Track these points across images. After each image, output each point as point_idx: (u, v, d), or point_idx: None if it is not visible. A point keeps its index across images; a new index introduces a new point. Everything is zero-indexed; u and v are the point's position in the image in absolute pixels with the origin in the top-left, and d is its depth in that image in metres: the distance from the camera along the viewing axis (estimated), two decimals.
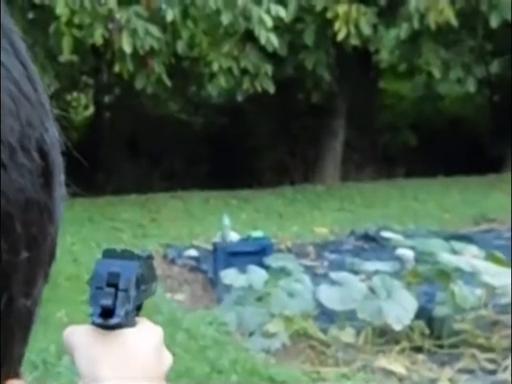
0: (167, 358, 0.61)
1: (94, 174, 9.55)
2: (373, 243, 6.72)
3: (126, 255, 0.59)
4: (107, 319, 0.57)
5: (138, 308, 0.61)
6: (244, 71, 7.92)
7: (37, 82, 0.32)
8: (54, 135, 0.32)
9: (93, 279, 0.58)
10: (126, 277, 0.58)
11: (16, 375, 0.32)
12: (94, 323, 0.57)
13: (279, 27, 7.59)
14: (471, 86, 8.94)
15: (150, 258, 0.64)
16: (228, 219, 5.60)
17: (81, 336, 0.58)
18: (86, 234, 6.67)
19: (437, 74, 8.63)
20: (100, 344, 0.57)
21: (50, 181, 0.31)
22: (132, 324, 0.59)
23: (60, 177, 0.33)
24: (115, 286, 0.57)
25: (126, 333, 0.58)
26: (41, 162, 0.30)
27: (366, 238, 6.91)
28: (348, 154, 10.69)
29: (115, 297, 0.57)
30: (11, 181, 0.28)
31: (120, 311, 0.57)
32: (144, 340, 0.59)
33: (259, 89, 8.02)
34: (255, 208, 8.38)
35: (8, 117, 0.28)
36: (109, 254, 0.59)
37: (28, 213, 0.29)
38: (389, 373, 3.85)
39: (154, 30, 6.82)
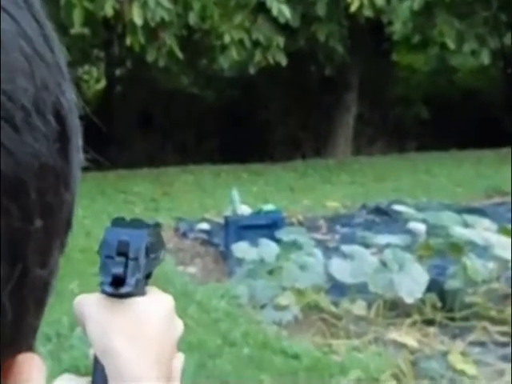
0: (179, 326, 0.61)
1: (106, 147, 9.56)
2: (384, 217, 6.69)
3: (135, 224, 0.59)
4: (118, 288, 0.56)
5: (148, 277, 0.60)
6: (256, 43, 7.83)
7: (53, 40, 0.29)
8: (71, 99, 0.30)
9: (102, 248, 0.57)
10: (135, 245, 0.57)
11: (30, 349, 0.31)
12: (104, 292, 0.57)
13: None
14: (485, 58, 8.78)
15: (157, 226, 0.63)
16: (237, 193, 5.58)
17: (91, 305, 0.57)
18: (98, 208, 6.70)
19: (451, 45, 8.49)
20: (111, 313, 0.56)
21: (67, 146, 0.29)
22: (142, 293, 0.58)
23: (77, 142, 0.31)
24: (125, 254, 0.57)
25: (137, 301, 0.57)
26: (57, 127, 0.28)
27: (378, 211, 6.88)
28: (360, 128, 10.62)
29: (125, 265, 0.57)
30: (24, 144, 0.26)
31: (131, 280, 0.56)
32: (155, 308, 0.58)
33: (271, 61, 7.94)
34: (266, 182, 8.37)
35: (21, 77, 0.26)
36: (118, 222, 0.58)
37: (43, 179, 0.28)
38: (400, 345, 3.86)
39: (165, 2, 6.74)
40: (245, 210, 5.63)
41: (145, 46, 7.24)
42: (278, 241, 4.81)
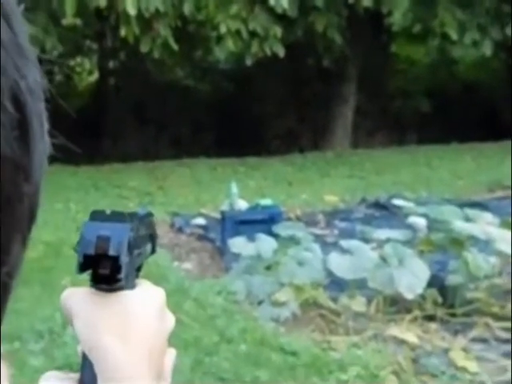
0: (170, 320, 0.58)
1: (99, 140, 9.46)
2: (384, 211, 6.62)
3: (116, 217, 0.54)
4: (105, 284, 0.54)
5: (138, 269, 0.59)
6: (253, 34, 7.73)
7: (13, 18, 0.27)
8: (34, 82, 0.28)
9: (80, 245, 0.53)
10: (116, 241, 0.53)
11: None
12: (92, 285, 0.54)
13: None
14: (488, 49, 8.68)
15: (149, 215, 0.60)
16: (236, 187, 5.51)
17: (79, 299, 0.54)
18: (91, 202, 6.61)
19: (453, 35, 8.38)
20: (99, 307, 0.54)
21: (27, 134, 0.28)
22: (132, 286, 0.56)
23: (41, 129, 0.29)
24: (105, 251, 0.53)
25: (127, 295, 0.55)
26: (15, 114, 0.27)
27: (377, 205, 6.81)
28: (359, 120, 10.54)
29: (108, 264, 0.53)
30: None
31: (117, 276, 0.53)
32: (145, 301, 0.56)
33: (268, 52, 7.84)
34: (264, 176, 8.29)
35: None
36: (97, 216, 0.54)
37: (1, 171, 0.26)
38: (400, 342, 3.80)
39: None
40: (242, 204, 5.55)
41: (139, 37, 7.13)
42: (275, 236, 4.73)
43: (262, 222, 5.19)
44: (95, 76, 11.64)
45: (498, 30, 8.79)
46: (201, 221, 6.25)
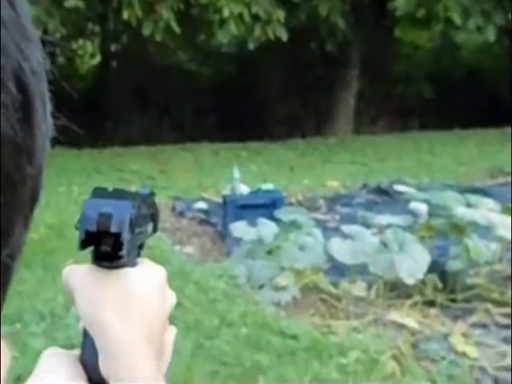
0: (171, 298, 0.60)
1: (101, 124, 9.43)
2: (385, 197, 6.62)
3: (119, 195, 0.54)
4: (106, 261, 0.53)
5: (140, 247, 0.59)
6: (255, 17, 7.67)
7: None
8: (37, 63, 0.28)
9: (82, 221, 0.52)
10: (118, 218, 0.52)
11: None
12: (94, 262, 0.54)
13: None
14: (491, 35, 8.62)
15: (151, 194, 0.60)
16: (238, 171, 5.51)
17: (81, 275, 0.55)
18: (93, 185, 6.57)
19: (457, 20, 8.30)
20: (101, 284, 0.54)
21: (30, 116, 0.28)
22: (133, 264, 0.57)
23: (45, 110, 0.29)
24: (107, 228, 0.52)
25: (128, 272, 0.55)
26: (18, 95, 0.27)
27: (379, 191, 6.81)
28: (361, 106, 10.50)
29: (110, 241, 0.52)
30: None
31: (119, 253, 0.52)
32: (147, 279, 0.56)
33: (271, 36, 7.79)
34: (266, 160, 8.28)
35: None
36: (99, 193, 0.54)
37: (2, 152, 0.26)
38: (400, 327, 3.81)
39: None
40: (243, 189, 5.55)
41: (141, 20, 7.08)
42: (277, 220, 4.73)
43: (263, 206, 5.18)
44: (97, 59, 11.58)
45: (502, 15, 8.72)
46: (202, 205, 6.25)
